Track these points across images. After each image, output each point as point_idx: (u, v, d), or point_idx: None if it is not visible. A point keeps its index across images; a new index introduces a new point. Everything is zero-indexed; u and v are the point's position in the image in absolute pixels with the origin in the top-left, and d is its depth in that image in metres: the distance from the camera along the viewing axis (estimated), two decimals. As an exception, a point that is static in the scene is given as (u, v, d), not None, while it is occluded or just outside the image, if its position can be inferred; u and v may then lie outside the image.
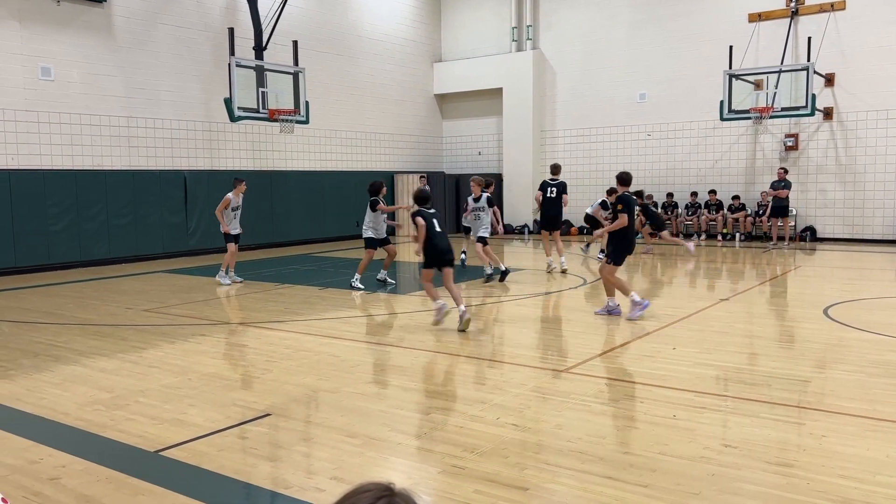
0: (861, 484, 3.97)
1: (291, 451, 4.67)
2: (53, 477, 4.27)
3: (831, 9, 17.50)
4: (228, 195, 12.09)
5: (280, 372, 6.61)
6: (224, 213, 12.02)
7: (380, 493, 1.28)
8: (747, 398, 5.55)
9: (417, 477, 4.22)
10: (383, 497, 1.27)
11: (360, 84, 20.84)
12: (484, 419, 5.12)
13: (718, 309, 9.37)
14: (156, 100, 15.93)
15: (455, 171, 23.68)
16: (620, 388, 5.96)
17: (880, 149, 17.30)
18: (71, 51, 14.46)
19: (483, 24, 22.84)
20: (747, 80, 17.52)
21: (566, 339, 7.80)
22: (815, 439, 4.70)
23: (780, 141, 18.49)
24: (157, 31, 15.93)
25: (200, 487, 4.14)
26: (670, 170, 20.07)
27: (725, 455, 4.41)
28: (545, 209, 13.36)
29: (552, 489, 4.00)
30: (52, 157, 14.30)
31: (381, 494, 1.27)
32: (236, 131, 17.48)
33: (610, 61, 20.74)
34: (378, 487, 1.29)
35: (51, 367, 6.88)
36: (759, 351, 7.08)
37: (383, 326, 8.84)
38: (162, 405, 5.60)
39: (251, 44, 16.65)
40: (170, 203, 16.09)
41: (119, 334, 8.37)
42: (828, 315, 8.68)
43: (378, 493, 1.28)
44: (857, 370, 6.29)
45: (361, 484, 1.31)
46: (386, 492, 1.28)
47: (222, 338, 8.12)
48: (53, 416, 5.42)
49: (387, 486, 1.30)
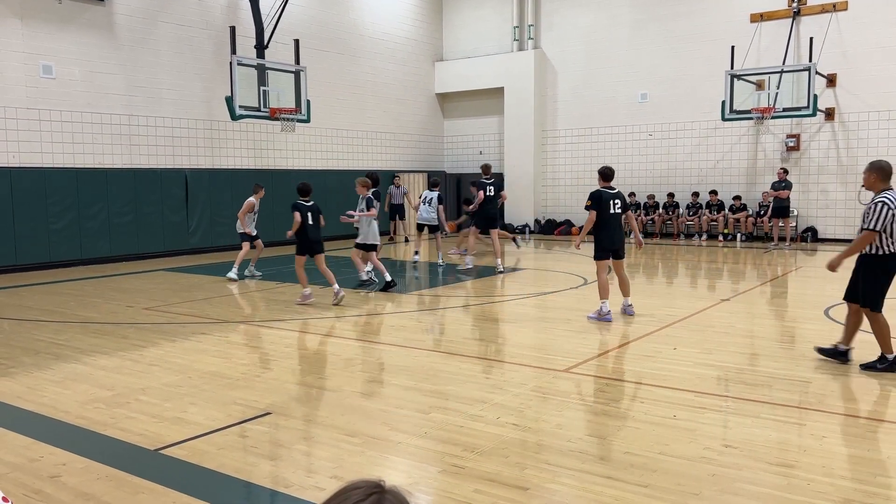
0: (861, 485, 3.97)
1: (292, 450, 4.67)
2: (54, 475, 4.27)
3: (833, 9, 17.48)
4: (251, 199, 12.56)
5: (280, 371, 6.61)
6: (246, 216, 12.51)
7: (370, 489, 1.29)
8: (748, 399, 5.55)
9: (417, 476, 4.22)
10: (374, 494, 1.28)
11: (361, 83, 20.84)
12: (484, 419, 5.12)
13: (719, 309, 9.37)
14: (157, 98, 15.93)
15: (456, 170, 23.68)
16: (621, 389, 5.96)
17: (882, 149, 17.26)
18: (72, 49, 14.46)
19: (484, 23, 22.83)
20: (749, 80, 17.51)
21: (566, 339, 7.80)
22: (816, 440, 4.70)
23: (782, 141, 18.48)
24: (159, 30, 15.93)
25: (200, 486, 4.14)
26: (671, 170, 20.06)
27: (726, 455, 4.41)
28: (485, 209, 13.39)
29: (552, 489, 4.00)
30: (54, 155, 14.31)
31: (371, 491, 1.28)
32: (237, 130, 17.49)
33: (611, 61, 20.73)
34: (368, 484, 1.30)
35: (51, 365, 6.88)
36: (760, 351, 7.07)
37: (383, 326, 8.83)
38: (162, 403, 5.60)
39: (252, 42, 16.66)
40: (171, 201, 16.09)
41: (120, 332, 8.38)
42: (829, 316, 8.67)
43: (368, 490, 1.29)
44: (857, 371, 6.29)
45: (351, 482, 1.32)
46: (376, 489, 1.29)
47: (223, 336, 8.12)
48: (54, 413, 5.42)
49: (377, 482, 1.31)
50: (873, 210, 6.07)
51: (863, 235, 6.14)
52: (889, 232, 6.06)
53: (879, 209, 6.04)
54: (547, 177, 22.30)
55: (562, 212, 22.03)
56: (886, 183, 6.23)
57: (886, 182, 6.23)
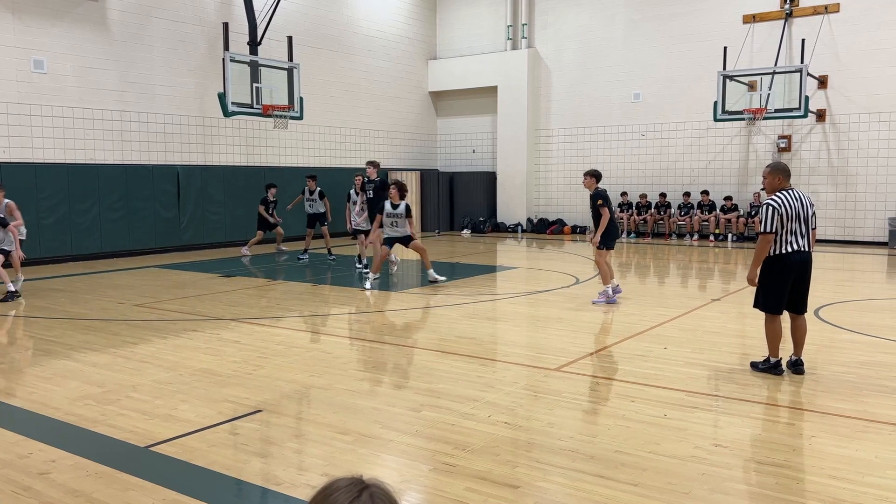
0: (851, 484, 3.99)
1: (283, 448, 4.66)
2: (43, 472, 4.25)
3: (825, 11, 17.56)
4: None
5: (272, 368, 6.60)
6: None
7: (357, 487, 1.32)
8: (739, 398, 5.57)
9: (409, 474, 4.22)
10: (363, 491, 1.31)
11: (354, 80, 20.80)
12: (476, 417, 5.13)
13: (710, 309, 9.41)
14: (149, 94, 15.86)
15: (449, 168, 23.68)
16: (612, 387, 5.97)
17: (872, 151, 17.38)
18: (64, 44, 14.37)
19: (479, 21, 22.83)
20: (741, 81, 17.56)
21: (558, 338, 7.81)
22: (806, 440, 4.73)
23: (773, 142, 18.56)
24: (152, 25, 15.86)
25: (191, 483, 4.13)
26: (664, 170, 20.11)
27: (716, 455, 4.42)
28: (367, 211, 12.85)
29: (543, 487, 4.01)
30: (45, 151, 14.23)
31: (359, 488, 1.31)
32: (230, 126, 17.43)
33: (605, 61, 20.76)
34: (353, 482, 1.33)
35: (41, 361, 6.85)
36: (751, 351, 7.10)
37: (375, 323, 8.83)
38: (153, 400, 5.58)
39: (246, 39, 16.57)
40: (163, 198, 16.02)
41: (110, 329, 8.34)
42: (819, 316, 8.72)
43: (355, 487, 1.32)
44: (847, 371, 6.32)
45: (331, 480, 1.34)
46: (361, 485, 1.32)
47: (214, 333, 8.10)
48: (44, 410, 5.39)
49: (359, 479, 1.34)
50: (763, 213, 6.04)
51: (758, 241, 6.10)
52: (778, 234, 6.01)
53: (764, 211, 6.03)
54: (540, 176, 22.32)
55: (554, 211, 22.07)
56: (786, 183, 6.13)
57: (786, 182, 6.13)
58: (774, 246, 6.05)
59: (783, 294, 6.12)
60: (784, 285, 6.09)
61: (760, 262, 6.17)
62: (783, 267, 6.05)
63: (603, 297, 9.74)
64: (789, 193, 6.07)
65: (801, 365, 6.22)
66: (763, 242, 6.05)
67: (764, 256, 6.12)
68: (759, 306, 6.26)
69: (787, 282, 6.09)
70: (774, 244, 6.05)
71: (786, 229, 6.00)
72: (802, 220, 6.05)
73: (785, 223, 5.99)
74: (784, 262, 6.04)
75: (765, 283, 6.17)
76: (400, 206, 11.23)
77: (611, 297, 9.71)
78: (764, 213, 6.04)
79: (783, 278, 6.08)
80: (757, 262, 6.18)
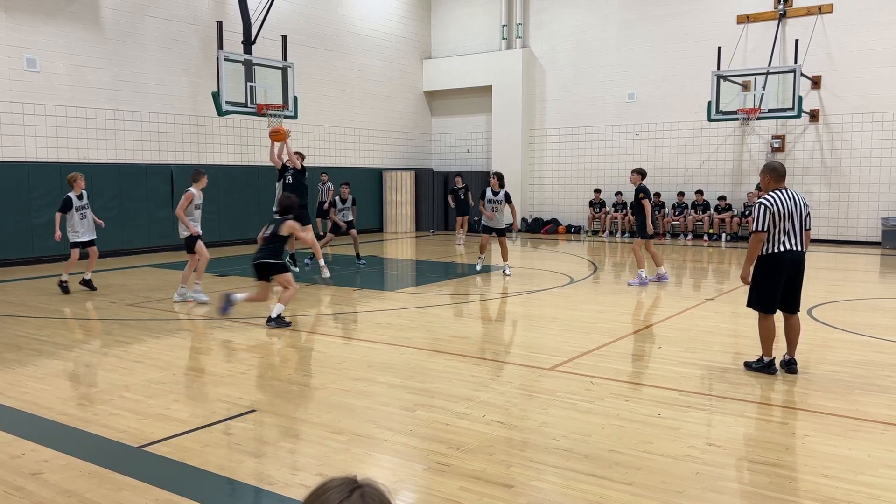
0: (843, 483, 4.01)
1: (276, 448, 4.65)
2: (35, 472, 4.23)
3: (819, 12, 17.62)
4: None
5: (266, 368, 6.58)
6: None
7: (349, 486, 1.32)
8: (732, 397, 5.59)
9: (403, 474, 4.21)
10: (355, 490, 1.31)
11: (348, 80, 20.78)
12: (470, 416, 5.13)
13: (704, 308, 9.43)
14: (143, 93, 15.81)
15: (443, 168, 23.67)
16: (606, 387, 5.98)
17: (865, 151, 17.44)
18: (57, 42, 14.31)
19: (473, 21, 22.83)
20: (735, 81, 17.62)
21: (552, 338, 7.82)
22: (799, 438, 4.74)
23: (767, 142, 18.61)
24: (145, 24, 15.81)
25: (184, 483, 4.11)
26: (658, 170, 20.13)
27: (710, 454, 4.43)
28: None
29: (537, 487, 4.01)
30: (37, 150, 14.17)
31: (351, 487, 1.32)
32: (224, 125, 17.39)
33: (600, 60, 20.79)
34: (345, 481, 1.33)
35: (34, 360, 6.82)
36: (744, 350, 7.11)
37: (369, 323, 8.82)
38: (146, 400, 5.56)
39: (240, 38, 16.55)
40: (156, 197, 15.97)
41: (103, 328, 8.31)
42: (812, 316, 8.75)
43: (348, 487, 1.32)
44: (840, 370, 6.35)
45: (324, 480, 1.34)
46: (354, 485, 1.33)
47: (208, 333, 8.08)
48: (36, 410, 5.37)
49: (352, 479, 1.34)
50: (755, 211, 6.09)
51: (750, 239, 6.13)
52: (771, 233, 6.04)
53: (757, 210, 6.07)
54: (534, 175, 22.33)
55: (549, 210, 22.08)
56: (780, 183, 6.19)
57: (780, 182, 6.19)
58: (767, 245, 6.08)
59: (775, 293, 6.14)
60: (776, 284, 6.12)
61: (753, 261, 6.19)
62: (775, 266, 6.07)
63: (637, 279, 11.19)
64: (783, 193, 6.10)
65: (795, 364, 6.24)
66: (755, 241, 6.09)
67: (756, 255, 6.14)
68: (752, 305, 6.29)
69: (780, 281, 6.11)
70: (767, 243, 6.07)
71: (778, 228, 6.03)
72: (795, 220, 6.08)
73: (777, 222, 6.02)
74: (776, 261, 6.07)
75: (757, 281, 6.20)
76: (500, 193, 12.43)
77: (644, 279, 11.12)
78: (757, 212, 6.07)
79: (775, 277, 6.10)
80: (749, 261, 6.21)
